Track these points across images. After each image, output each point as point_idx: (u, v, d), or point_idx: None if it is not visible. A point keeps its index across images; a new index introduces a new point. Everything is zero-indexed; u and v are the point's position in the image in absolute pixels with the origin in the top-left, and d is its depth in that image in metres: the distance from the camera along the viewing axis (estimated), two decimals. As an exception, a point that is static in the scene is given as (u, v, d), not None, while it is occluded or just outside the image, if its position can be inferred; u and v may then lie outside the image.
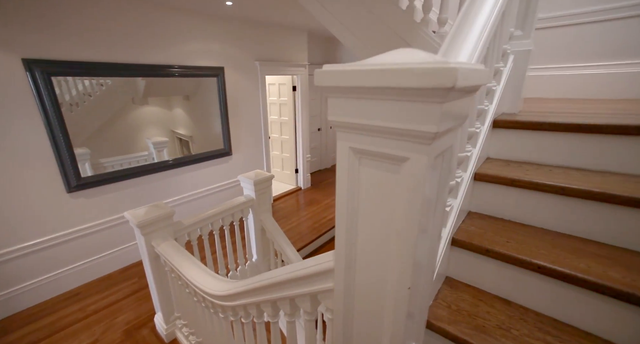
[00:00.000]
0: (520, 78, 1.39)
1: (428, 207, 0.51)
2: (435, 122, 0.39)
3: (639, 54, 1.81)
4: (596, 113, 1.32)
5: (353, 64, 0.45)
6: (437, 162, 0.50)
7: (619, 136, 1.00)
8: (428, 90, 0.37)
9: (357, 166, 0.53)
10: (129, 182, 2.90)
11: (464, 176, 1.06)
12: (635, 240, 0.87)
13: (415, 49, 0.47)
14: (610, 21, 1.85)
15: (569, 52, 2.05)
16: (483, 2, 0.83)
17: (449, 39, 0.76)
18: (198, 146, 3.50)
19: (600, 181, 0.96)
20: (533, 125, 1.18)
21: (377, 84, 0.41)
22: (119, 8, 2.53)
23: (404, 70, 0.38)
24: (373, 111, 0.45)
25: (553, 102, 1.87)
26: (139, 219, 1.56)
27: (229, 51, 3.55)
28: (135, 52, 2.72)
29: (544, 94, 2.20)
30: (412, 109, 0.41)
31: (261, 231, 2.49)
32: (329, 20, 2.07)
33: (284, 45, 4.28)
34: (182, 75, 3.13)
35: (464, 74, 0.37)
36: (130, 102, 2.82)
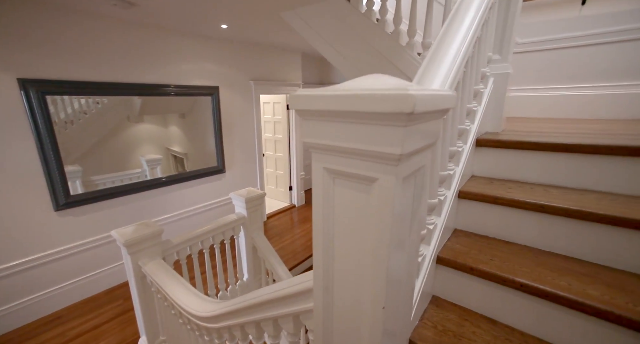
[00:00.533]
0: (501, 99, 1.44)
1: (401, 225, 0.53)
2: (399, 145, 0.41)
3: (613, 77, 1.90)
4: (573, 133, 1.37)
5: (324, 88, 0.48)
6: (408, 181, 0.52)
7: (591, 155, 1.04)
8: (390, 114, 0.40)
9: (332, 186, 0.54)
10: (120, 200, 2.87)
11: (447, 194, 1.07)
12: (612, 257, 0.89)
13: (387, 76, 0.50)
14: (585, 47, 1.95)
15: (550, 74, 2.14)
16: (457, 30, 0.88)
17: (424, 65, 0.80)
18: (193, 163, 3.51)
19: (577, 199, 0.99)
20: (514, 144, 1.22)
21: (345, 108, 0.44)
22: (115, 29, 2.61)
23: (367, 96, 0.41)
24: (343, 134, 0.47)
25: (536, 122, 1.93)
26: (126, 237, 1.54)
27: (224, 71, 3.64)
28: (131, 72, 2.78)
29: (528, 113, 2.28)
30: (378, 132, 0.43)
31: (252, 249, 2.45)
32: (320, 43, 2.15)
33: (279, 66, 4.40)
34: (178, 94, 3.19)
35: (423, 100, 0.40)
36: (126, 119, 2.85)
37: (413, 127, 0.43)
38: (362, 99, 0.41)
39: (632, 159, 0.98)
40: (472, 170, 1.35)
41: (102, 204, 2.73)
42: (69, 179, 2.47)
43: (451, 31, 0.89)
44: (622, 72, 1.88)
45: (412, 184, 0.54)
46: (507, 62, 1.42)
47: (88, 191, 2.60)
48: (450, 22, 0.92)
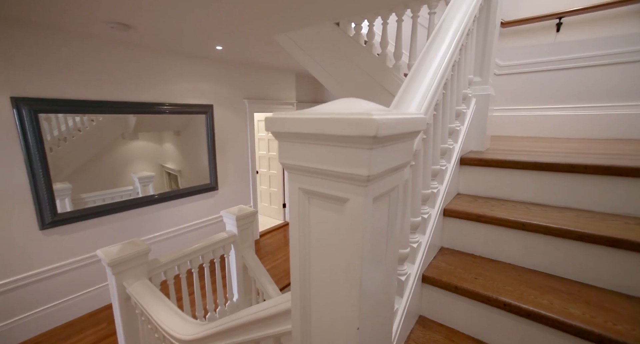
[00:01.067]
0: (484, 119, 1.49)
1: (375, 244, 0.53)
2: (367, 166, 0.43)
3: (588, 99, 1.99)
4: (552, 152, 1.41)
5: (298, 112, 0.50)
6: (381, 201, 0.53)
7: (568, 174, 1.07)
8: (355, 137, 0.42)
9: (307, 206, 0.55)
10: (109, 218, 2.83)
11: (431, 212, 1.09)
12: (592, 275, 0.89)
13: (359, 101, 0.53)
14: (561, 70, 2.05)
15: (532, 95, 2.22)
16: (433, 57, 0.92)
17: (402, 89, 0.84)
18: (186, 180, 3.50)
19: (556, 217, 1.01)
20: (496, 162, 1.25)
21: (315, 131, 0.46)
22: (110, 49, 2.67)
23: (335, 120, 0.43)
24: (316, 155, 0.49)
25: (520, 141, 1.98)
26: (111, 257, 1.51)
27: (219, 90, 3.71)
28: (126, 90, 2.82)
29: (513, 132, 2.34)
30: (346, 154, 0.45)
31: (243, 268, 2.41)
32: (311, 65, 2.22)
33: (273, 85, 4.50)
34: (172, 112, 3.23)
35: (388, 124, 0.42)
36: (121, 137, 2.87)
37: (380, 149, 0.45)
38: (330, 123, 0.43)
39: (604, 177, 1.01)
40: (457, 188, 1.38)
41: (90, 223, 2.69)
42: (58, 197, 2.44)
43: (428, 57, 0.93)
44: (596, 95, 1.96)
45: (385, 204, 0.56)
46: (487, 85, 1.48)
47: (76, 209, 2.56)
48: (427, 49, 0.96)
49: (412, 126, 0.50)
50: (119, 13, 1.92)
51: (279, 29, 2.25)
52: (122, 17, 2.02)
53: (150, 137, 3.12)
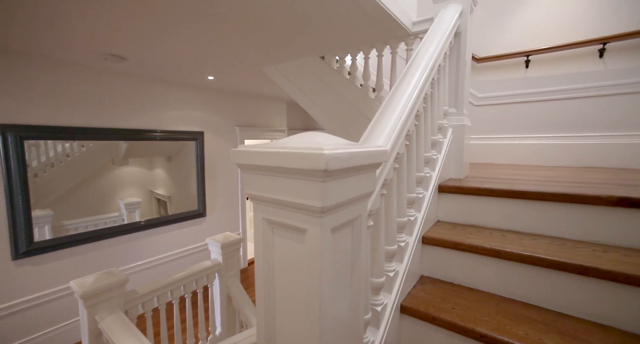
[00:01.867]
0: (461, 148, 1.54)
1: (337, 274, 0.54)
2: (320, 198, 0.45)
3: (558, 129, 2.10)
4: (526, 179, 1.45)
5: (261, 145, 0.52)
6: (341, 231, 0.54)
7: (539, 201, 1.10)
8: (308, 171, 0.44)
9: (271, 235, 0.56)
10: (91, 246, 2.74)
11: (408, 240, 1.09)
12: (565, 303, 0.89)
13: (320, 135, 0.56)
14: (532, 103, 2.18)
15: (509, 125, 2.33)
16: (403, 92, 0.98)
17: (372, 122, 0.88)
18: (176, 206, 3.45)
19: (530, 244, 1.02)
20: (472, 190, 1.28)
21: (274, 164, 0.48)
22: (102, 77, 2.74)
23: (289, 154, 0.45)
24: (276, 187, 0.51)
25: (501, 168, 2.04)
26: (84, 288, 1.45)
27: (210, 117, 3.78)
28: (117, 117, 2.86)
29: (493, 160, 2.41)
30: (302, 186, 0.47)
31: (227, 298, 2.32)
32: (298, 95, 2.30)
33: (264, 112, 4.61)
34: (163, 139, 3.26)
35: (339, 158, 0.44)
36: (110, 162, 2.86)
37: (334, 181, 0.47)
38: (286, 157, 0.46)
39: (571, 205, 1.04)
40: (437, 215, 1.40)
41: (69, 251, 2.60)
42: (37, 224, 2.38)
43: (398, 92, 0.99)
44: (565, 125, 2.08)
45: (348, 234, 0.57)
46: (462, 115, 1.55)
47: (56, 237, 2.49)
48: (397, 85, 1.03)
49: (369, 158, 0.53)
50: (114, 46, 2.00)
51: (268, 61, 2.36)
52: (117, 50, 2.10)
53: (140, 163, 3.11)
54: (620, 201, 0.96)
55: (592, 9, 2.03)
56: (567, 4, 2.11)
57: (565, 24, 2.11)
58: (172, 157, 3.41)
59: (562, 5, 2.13)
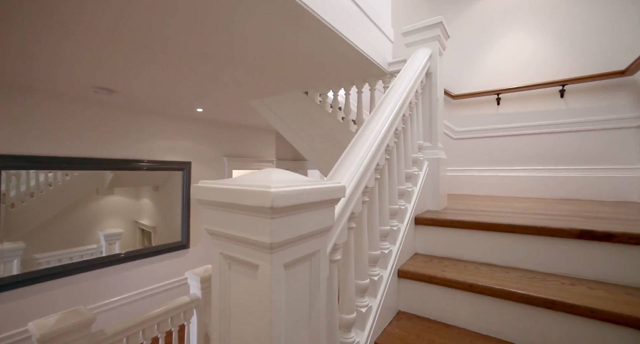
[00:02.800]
0: (437, 180, 1.59)
1: (291, 310, 0.53)
2: (269, 234, 0.46)
3: (530, 162, 2.20)
4: (503, 211, 1.49)
5: (217, 181, 0.54)
6: (296, 266, 0.55)
7: (511, 234, 1.12)
8: (256, 207, 0.45)
9: (228, 271, 0.56)
10: (62, 281, 2.60)
11: (382, 274, 1.08)
12: (538, 340, 0.88)
13: (279, 172, 0.58)
14: (504, 137, 2.30)
15: (485, 158, 2.43)
16: (373, 128, 1.04)
17: (341, 158, 0.92)
18: (160, 237, 3.36)
19: (502, 277, 1.03)
20: (446, 222, 1.30)
21: (227, 200, 0.50)
22: (88, 108, 2.78)
23: (240, 191, 0.47)
24: (231, 222, 0.52)
25: (479, 200, 2.09)
26: (43, 330, 1.35)
27: (198, 147, 3.82)
28: (102, 147, 2.86)
29: (475, 191, 2.47)
30: (253, 222, 0.48)
31: (205, 338, 2.19)
32: (282, 127, 2.37)
33: (253, 143, 4.68)
34: (149, 169, 3.25)
35: (288, 195, 0.46)
36: (95, 192, 2.81)
37: (285, 218, 0.48)
38: (238, 193, 0.48)
39: (540, 238, 1.07)
40: (415, 247, 1.40)
41: (38, 287, 2.45)
42: (4, 258, 2.26)
43: (367, 129, 1.04)
44: (536, 159, 2.19)
45: (305, 269, 0.57)
46: (437, 149, 1.61)
47: (23, 272, 2.36)
48: (367, 122, 1.08)
49: (322, 195, 0.55)
50: (104, 79, 2.07)
51: (255, 95, 2.46)
52: (107, 83, 2.16)
53: (126, 193, 3.07)
54: (582, 234, 0.98)
55: (552, 54, 2.23)
56: (530, 49, 2.32)
57: (530, 66, 2.30)
58: (160, 186, 3.38)
59: (526, 49, 2.33)
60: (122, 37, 1.39)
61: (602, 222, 1.15)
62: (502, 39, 2.46)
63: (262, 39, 1.41)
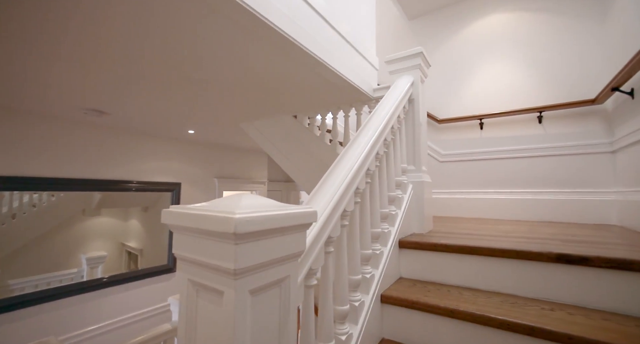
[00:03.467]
0: (421, 203, 1.60)
1: (258, 338, 0.52)
2: (232, 260, 0.46)
3: (514, 185, 2.25)
4: (487, 235, 1.50)
5: (187, 206, 0.55)
6: (264, 293, 0.54)
7: (491, 258, 1.12)
8: (220, 233, 0.46)
9: (195, 297, 0.55)
10: (36, 309, 2.47)
11: (364, 299, 1.07)
12: (519, 369, 0.87)
13: (253, 197, 0.59)
14: (487, 160, 2.36)
15: (471, 180, 2.47)
16: (353, 153, 1.06)
17: (320, 183, 0.94)
18: (147, 260, 3.26)
19: (484, 303, 1.02)
20: (429, 246, 1.30)
21: (193, 225, 0.50)
22: (77, 129, 2.78)
23: (204, 216, 0.48)
24: (198, 248, 0.52)
25: (466, 222, 2.10)
26: (11, 360, 1.28)
27: (188, 168, 3.81)
28: (91, 168, 2.84)
29: (463, 214, 2.49)
30: (218, 248, 0.48)
31: (183, 370, 2.07)
32: (272, 150, 2.40)
33: (244, 164, 4.70)
34: (138, 190, 3.22)
35: (252, 221, 0.47)
36: (81, 213, 2.75)
37: (249, 244, 0.49)
38: (203, 219, 0.48)
39: (521, 262, 1.07)
40: (399, 271, 1.38)
41: (8, 317, 2.32)
42: (-23, 284, 2.16)
43: (347, 154, 1.07)
44: (519, 182, 2.25)
45: (273, 295, 0.57)
46: (421, 172, 1.64)
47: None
48: (348, 146, 1.11)
49: (290, 220, 0.56)
50: (94, 101, 2.10)
51: (246, 118, 2.50)
52: (97, 105, 2.19)
53: (114, 214, 3.02)
54: (559, 258, 1.00)
55: (529, 82, 2.35)
56: (508, 77, 2.44)
57: (509, 93, 2.42)
58: (150, 207, 3.33)
59: (505, 77, 2.46)
60: (108, 61, 1.42)
61: (579, 245, 1.16)
62: (482, 67, 2.59)
63: (251, 66, 1.47)
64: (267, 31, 1.14)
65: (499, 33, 2.54)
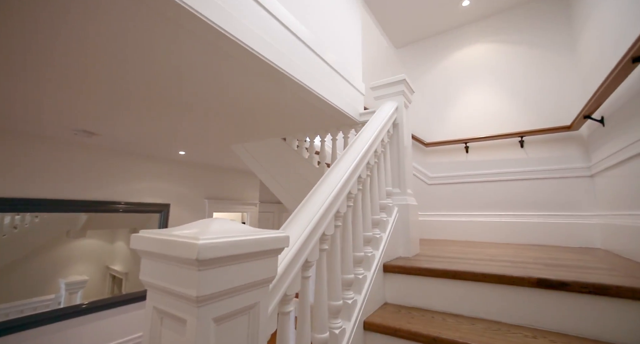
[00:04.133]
0: (407, 226, 1.60)
1: (221, 373, 0.51)
2: (195, 287, 0.46)
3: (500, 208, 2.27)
4: (473, 258, 1.49)
5: (153, 231, 0.55)
6: (230, 321, 0.53)
7: (474, 282, 1.12)
8: (184, 259, 0.46)
9: (159, 326, 0.54)
10: (3, 341, 2.33)
11: (345, 326, 1.04)
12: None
13: (223, 222, 0.59)
14: (473, 183, 2.40)
15: (458, 203, 2.49)
16: (333, 178, 1.08)
17: (299, 206, 0.94)
18: (132, 284, 3.13)
19: (467, 330, 1.00)
20: (414, 270, 1.29)
21: (157, 250, 0.50)
22: (65, 149, 2.77)
23: (168, 242, 0.48)
24: (163, 274, 0.52)
25: (454, 245, 2.10)
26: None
27: (178, 189, 3.78)
28: (78, 189, 2.80)
29: (452, 236, 2.49)
30: (181, 273, 0.48)
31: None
32: (261, 171, 2.41)
33: (236, 185, 4.68)
34: (126, 211, 3.16)
35: (217, 246, 0.47)
36: (64, 235, 2.67)
37: (213, 270, 0.48)
38: (167, 244, 0.48)
39: (503, 286, 1.07)
40: (384, 296, 1.36)
41: (-24, 345, 2.19)
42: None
43: (329, 177, 1.08)
44: (505, 204, 2.28)
45: (241, 322, 0.56)
46: (406, 195, 1.66)
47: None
48: (330, 170, 1.13)
49: (259, 246, 0.56)
50: (85, 123, 2.11)
51: (236, 140, 2.53)
52: (88, 126, 2.21)
53: (100, 235, 2.94)
54: (539, 283, 0.99)
55: (509, 108, 2.45)
56: (490, 102, 2.55)
57: (492, 118, 2.51)
58: (138, 229, 3.26)
59: (487, 103, 2.56)
60: (95, 83, 1.44)
61: (560, 270, 1.17)
62: (467, 93, 2.70)
63: (236, 91, 1.51)
64: (251, 58, 1.19)
65: (481, 62, 2.67)
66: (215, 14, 0.99)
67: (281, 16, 1.32)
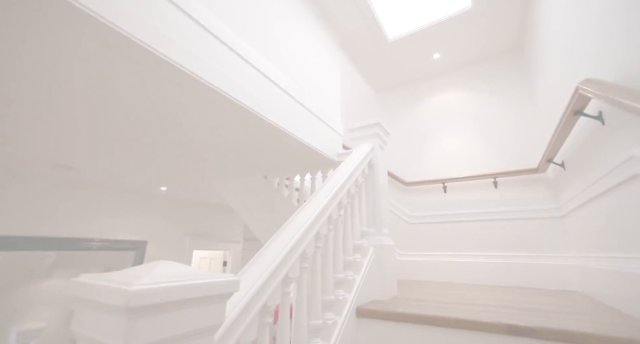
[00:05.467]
0: (382, 268, 1.57)
1: None
2: (122, 338, 0.43)
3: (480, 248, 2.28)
4: (450, 302, 1.45)
5: (95, 275, 0.53)
6: (164, 376, 0.50)
7: (448, 328, 1.08)
8: (113, 307, 0.44)
9: (86, 382, 0.50)
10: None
11: (310, 379, 0.97)
12: None
13: (169, 265, 0.57)
14: (450, 223, 2.43)
15: (438, 242, 2.48)
16: (301, 218, 1.08)
17: (263, 247, 0.93)
18: None
19: (437, 382, 0.94)
20: (387, 315, 1.24)
21: (90, 297, 0.48)
22: (35, 182, 2.68)
23: (98, 287, 0.46)
24: (93, 323, 0.49)
25: (434, 287, 2.04)
26: None
27: (157, 225, 3.65)
28: (47, 225, 2.68)
29: (434, 277, 2.44)
30: (111, 322, 0.46)
31: None
32: (240, 208, 2.39)
33: (218, 222, 4.56)
34: (100, 248, 3.01)
35: (151, 292, 0.46)
36: (28, 275, 2.49)
37: (148, 318, 0.46)
38: (97, 290, 0.46)
39: (474, 332, 1.03)
40: (358, 343, 1.29)
41: None
42: None
43: (297, 217, 1.08)
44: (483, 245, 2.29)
45: (177, 378, 0.52)
46: (381, 235, 1.65)
47: None
48: (299, 210, 1.13)
49: (204, 291, 0.54)
50: (63, 157, 2.09)
51: (218, 177, 2.54)
52: (68, 161, 2.18)
53: (69, 276, 2.76)
54: (509, 329, 0.97)
55: (482, 150, 2.58)
56: (466, 145, 2.68)
57: (467, 159, 2.62)
58: (111, 268, 3.08)
59: (463, 145, 2.69)
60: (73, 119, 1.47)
61: (532, 315, 1.14)
62: (443, 135, 2.84)
63: (220, 134, 1.56)
64: (227, 103, 1.25)
65: (454, 108, 2.86)
66: (190, 62, 1.06)
67: (256, 62, 1.41)
